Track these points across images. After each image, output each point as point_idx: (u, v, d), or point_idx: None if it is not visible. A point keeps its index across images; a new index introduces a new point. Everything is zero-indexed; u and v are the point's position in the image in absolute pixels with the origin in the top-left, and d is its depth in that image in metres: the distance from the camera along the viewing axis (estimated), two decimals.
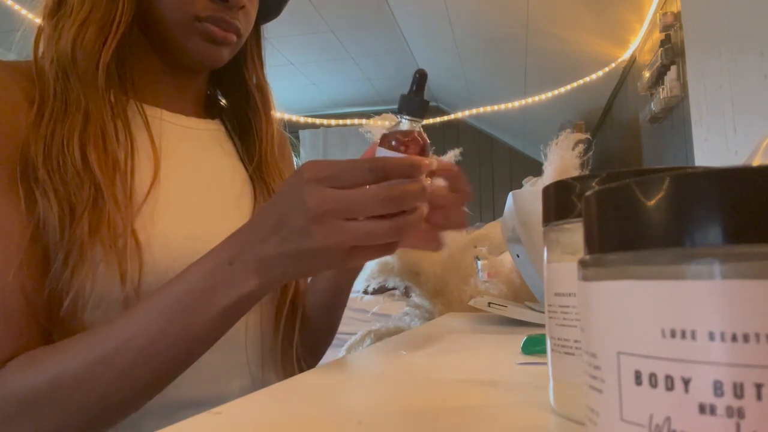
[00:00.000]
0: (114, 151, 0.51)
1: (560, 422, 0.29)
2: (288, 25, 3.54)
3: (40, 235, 0.48)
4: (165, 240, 0.52)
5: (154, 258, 0.51)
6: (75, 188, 0.48)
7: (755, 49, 1.51)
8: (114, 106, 0.53)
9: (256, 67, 0.68)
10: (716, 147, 1.80)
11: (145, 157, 0.55)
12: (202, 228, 0.56)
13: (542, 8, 2.85)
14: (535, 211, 0.70)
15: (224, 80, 0.70)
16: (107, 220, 0.48)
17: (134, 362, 0.43)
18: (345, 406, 0.34)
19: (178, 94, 0.63)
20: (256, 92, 0.68)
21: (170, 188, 0.56)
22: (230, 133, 0.68)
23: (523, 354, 0.51)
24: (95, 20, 0.52)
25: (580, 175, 0.65)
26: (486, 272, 1.10)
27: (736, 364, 0.13)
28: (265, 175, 0.66)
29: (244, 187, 0.64)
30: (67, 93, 0.51)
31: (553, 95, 3.60)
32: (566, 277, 0.29)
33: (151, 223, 0.52)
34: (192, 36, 0.56)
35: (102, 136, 0.51)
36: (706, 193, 0.14)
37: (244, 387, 0.59)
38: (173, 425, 0.29)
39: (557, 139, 0.96)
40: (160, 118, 0.60)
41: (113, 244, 0.48)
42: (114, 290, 0.49)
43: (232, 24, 0.57)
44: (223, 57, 0.60)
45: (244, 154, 0.67)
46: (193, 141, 0.62)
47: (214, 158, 0.64)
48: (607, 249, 0.17)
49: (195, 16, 0.55)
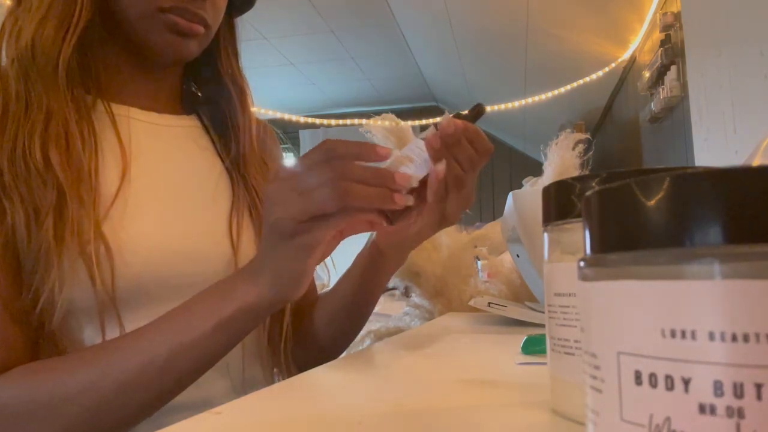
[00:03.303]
0: (78, 151, 0.50)
1: (560, 422, 0.29)
2: (288, 24, 3.54)
3: (12, 241, 0.47)
4: (137, 243, 0.51)
5: (126, 261, 0.50)
6: (38, 191, 0.47)
7: (755, 49, 1.51)
8: (77, 105, 0.52)
9: (231, 61, 0.67)
10: (716, 147, 1.80)
11: (113, 157, 0.54)
12: (176, 227, 0.55)
13: (542, 8, 2.85)
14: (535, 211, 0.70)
15: (198, 74, 0.68)
16: (72, 223, 0.47)
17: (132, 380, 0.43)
18: (345, 406, 0.34)
19: (150, 90, 0.62)
20: (231, 86, 0.66)
21: (141, 188, 0.54)
22: (207, 129, 0.67)
23: (523, 354, 0.51)
24: (54, 15, 0.51)
25: (580, 175, 0.65)
26: (486, 272, 1.10)
27: (736, 364, 0.13)
28: (244, 169, 0.65)
29: (220, 183, 0.63)
30: (28, 92, 0.50)
31: (553, 95, 3.60)
32: (566, 277, 0.29)
33: (121, 226, 0.51)
34: (156, 28, 0.55)
35: (65, 136, 0.50)
36: (706, 193, 0.14)
37: (227, 388, 0.58)
38: (173, 425, 0.29)
39: (557, 139, 0.96)
40: (128, 116, 0.58)
41: (81, 248, 0.47)
42: (86, 296, 0.48)
43: (198, 15, 0.56)
44: (191, 49, 0.58)
45: (222, 149, 0.65)
46: (166, 138, 0.61)
47: (187, 155, 0.62)
48: (607, 249, 0.16)
49: (158, 7, 0.54)
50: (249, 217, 0.62)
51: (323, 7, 3.32)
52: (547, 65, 3.46)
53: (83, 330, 0.50)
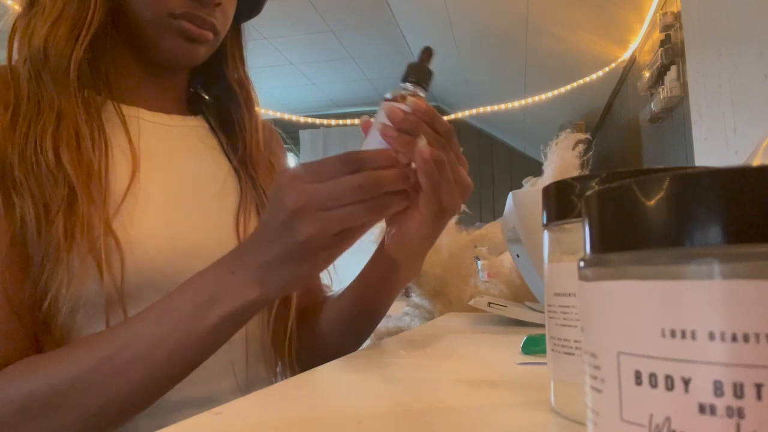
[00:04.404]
0: (88, 150, 0.51)
1: (560, 422, 0.29)
2: (288, 24, 3.54)
3: (21, 237, 0.48)
4: (146, 240, 0.52)
5: (135, 258, 0.51)
6: (49, 189, 0.48)
7: (755, 49, 1.51)
8: (88, 106, 0.53)
9: (237, 65, 0.68)
10: (716, 147, 1.80)
11: (123, 157, 0.55)
12: (184, 225, 0.56)
13: (542, 8, 2.85)
14: (535, 211, 0.70)
15: (205, 77, 0.69)
16: (82, 220, 0.48)
17: (132, 370, 0.43)
18: (345, 406, 0.34)
19: (158, 92, 0.63)
20: (237, 88, 0.67)
21: (150, 187, 0.55)
22: (214, 129, 0.68)
23: (523, 354, 0.51)
24: (67, 18, 0.52)
25: (580, 175, 0.65)
26: (486, 272, 1.10)
27: (736, 364, 0.13)
28: (251, 168, 0.65)
29: (227, 181, 0.63)
30: (40, 93, 0.51)
31: (553, 95, 3.60)
32: (566, 277, 0.29)
33: (130, 223, 0.52)
34: (167, 33, 0.56)
35: (75, 136, 0.51)
36: (706, 193, 0.14)
37: (233, 386, 0.58)
38: (173, 425, 0.29)
39: (557, 139, 0.96)
40: (137, 117, 0.59)
41: (91, 245, 0.48)
42: (94, 291, 0.49)
43: (208, 21, 0.57)
44: (199, 55, 0.59)
45: (229, 149, 0.66)
46: (174, 138, 0.62)
47: (195, 154, 0.63)
48: (607, 249, 0.16)
49: (169, 13, 0.55)
50: (256, 215, 0.63)
51: (323, 7, 3.33)
52: (547, 65, 3.46)
53: (90, 325, 0.51)
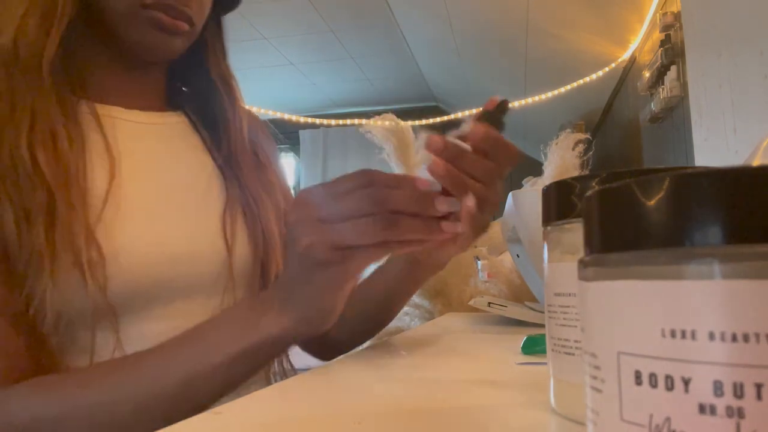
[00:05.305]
0: (65, 152, 0.49)
1: (560, 422, 0.29)
2: (288, 24, 3.54)
3: (3, 244, 0.46)
4: (131, 246, 0.50)
5: (121, 266, 0.49)
6: (28, 192, 0.46)
7: (755, 49, 1.51)
8: (63, 105, 0.51)
9: (219, 59, 0.66)
10: (716, 147, 1.80)
11: (100, 159, 0.53)
12: (169, 229, 0.54)
13: (542, 8, 2.85)
14: (535, 211, 0.70)
15: (185, 72, 0.67)
16: (63, 227, 0.46)
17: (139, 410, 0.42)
18: (345, 406, 0.34)
19: (133, 88, 0.60)
20: (220, 83, 0.65)
21: (131, 191, 0.53)
22: (195, 125, 0.65)
23: (523, 354, 0.51)
24: (36, 12, 0.50)
25: (580, 175, 0.65)
26: (486, 272, 1.10)
27: (736, 364, 0.13)
28: (236, 166, 0.63)
29: (212, 181, 0.61)
30: (12, 92, 0.49)
31: (553, 95, 3.59)
32: (566, 277, 0.29)
33: (114, 232, 0.50)
34: (139, 25, 0.54)
35: (51, 136, 0.49)
36: (706, 193, 0.14)
37: None
38: (173, 425, 0.30)
39: (557, 139, 0.96)
40: (111, 116, 0.57)
41: (75, 253, 0.46)
42: (79, 299, 0.47)
43: (182, 12, 0.55)
44: (175, 47, 0.57)
45: (212, 146, 0.63)
46: (153, 137, 0.59)
47: (176, 153, 0.61)
48: (607, 249, 0.16)
49: (141, 3, 0.53)
50: (242, 216, 0.61)
51: (323, 7, 3.32)
52: (547, 65, 3.45)
53: (77, 332, 0.49)
